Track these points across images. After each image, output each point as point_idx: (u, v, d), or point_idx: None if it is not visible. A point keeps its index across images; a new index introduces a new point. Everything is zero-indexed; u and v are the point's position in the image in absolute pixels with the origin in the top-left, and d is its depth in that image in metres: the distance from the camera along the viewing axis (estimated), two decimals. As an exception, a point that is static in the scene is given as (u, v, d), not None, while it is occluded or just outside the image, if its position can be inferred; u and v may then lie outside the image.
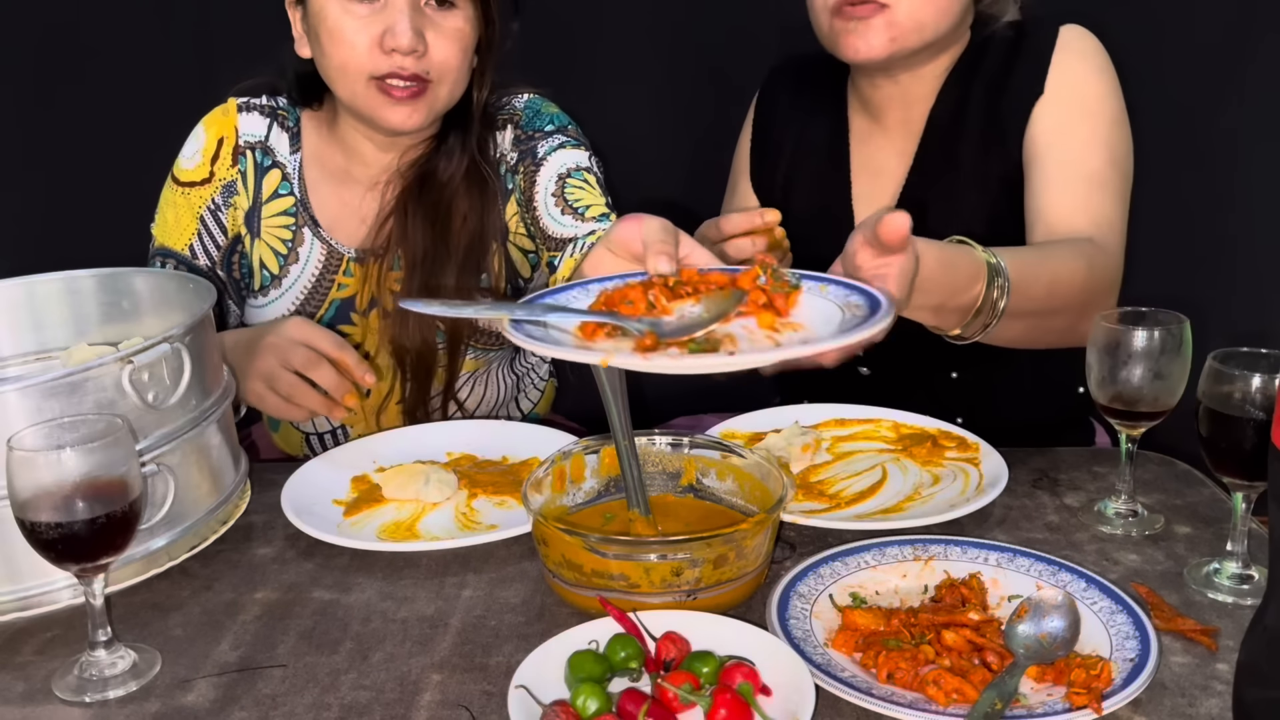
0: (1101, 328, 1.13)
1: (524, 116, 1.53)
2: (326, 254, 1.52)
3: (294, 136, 1.54)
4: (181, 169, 1.53)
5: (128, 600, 1.07)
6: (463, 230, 1.48)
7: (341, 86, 1.42)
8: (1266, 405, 1.00)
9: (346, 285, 1.53)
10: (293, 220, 1.52)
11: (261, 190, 1.52)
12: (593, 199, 1.47)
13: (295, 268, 1.52)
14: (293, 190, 1.53)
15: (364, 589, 1.08)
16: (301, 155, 1.53)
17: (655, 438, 1.17)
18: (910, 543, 1.08)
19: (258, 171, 1.52)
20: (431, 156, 1.50)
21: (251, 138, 1.52)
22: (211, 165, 1.51)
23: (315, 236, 1.52)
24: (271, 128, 1.53)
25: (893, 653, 0.92)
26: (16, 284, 1.29)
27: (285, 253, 1.52)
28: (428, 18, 1.39)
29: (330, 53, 1.40)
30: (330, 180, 1.54)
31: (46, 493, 0.90)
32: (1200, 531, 1.15)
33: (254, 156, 1.52)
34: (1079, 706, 0.85)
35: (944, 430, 1.33)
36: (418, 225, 1.47)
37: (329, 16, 1.38)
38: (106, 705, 0.93)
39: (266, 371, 1.30)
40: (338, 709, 0.91)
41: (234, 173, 1.51)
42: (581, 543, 0.99)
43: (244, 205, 1.52)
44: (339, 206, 1.54)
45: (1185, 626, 0.97)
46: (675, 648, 0.91)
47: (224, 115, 1.53)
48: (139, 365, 1.04)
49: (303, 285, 1.52)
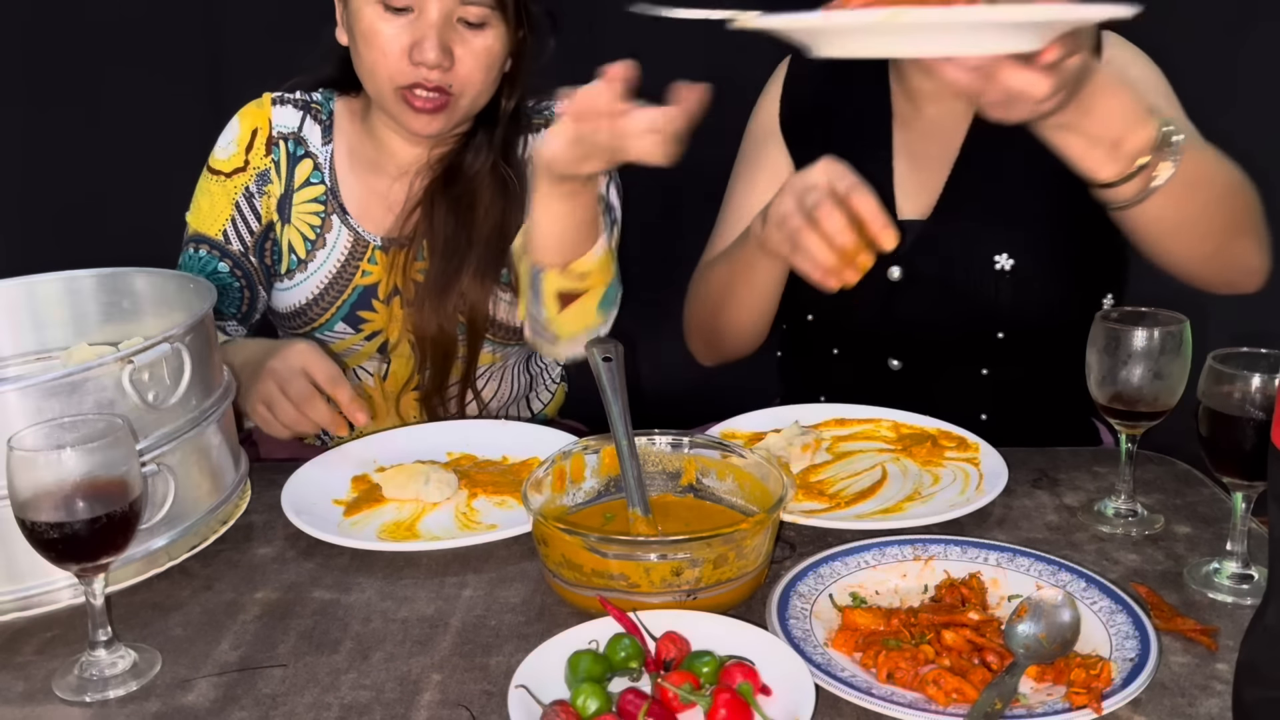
0: (1101, 327, 1.13)
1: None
2: (353, 241, 1.55)
3: (326, 129, 1.57)
4: (216, 158, 1.55)
5: (128, 600, 1.07)
6: (485, 222, 1.51)
7: (369, 86, 1.48)
8: (1266, 405, 1.00)
9: (370, 272, 1.56)
10: (322, 208, 1.56)
11: (294, 179, 1.56)
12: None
13: (322, 253, 1.55)
14: (324, 179, 1.56)
15: (364, 589, 1.08)
16: (333, 146, 1.57)
17: (655, 438, 1.17)
18: (910, 543, 1.08)
19: (290, 161, 1.56)
20: (460, 150, 1.54)
21: (285, 129, 1.56)
22: (246, 154, 1.54)
23: (343, 224, 1.56)
24: (304, 120, 1.57)
25: (893, 652, 0.92)
26: (16, 284, 1.29)
27: (313, 238, 1.55)
28: (458, 33, 1.43)
29: (362, 53, 1.45)
30: (360, 169, 1.57)
31: (46, 493, 0.90)
32: (1200, 531, 1.15)
33: (286, 147, 1.56)
34: (1079, 706, 0.85)
35: (944, 430, 1.33)
36: (441, 215, 1.51)
37: (364, 19, 1.43)
38: (106, 705, 0.93)
39: (267, 396, 1.31)
40: (338, 709, 0.91)
41: (267, 161, 1.55)
42: (581, 543, 0.99)
43: (276, 193, 1.55)
44: (367, 194, 1.57)
45: (1185, 626, 0.97)
46: (675, 648, 0.91)
47: (258, 108, 1.57)
48: (139, 365, 1.04)
49: (328, 270, 1.55)
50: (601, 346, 1.16)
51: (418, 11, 1.41)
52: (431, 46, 1.40)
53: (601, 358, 1.15)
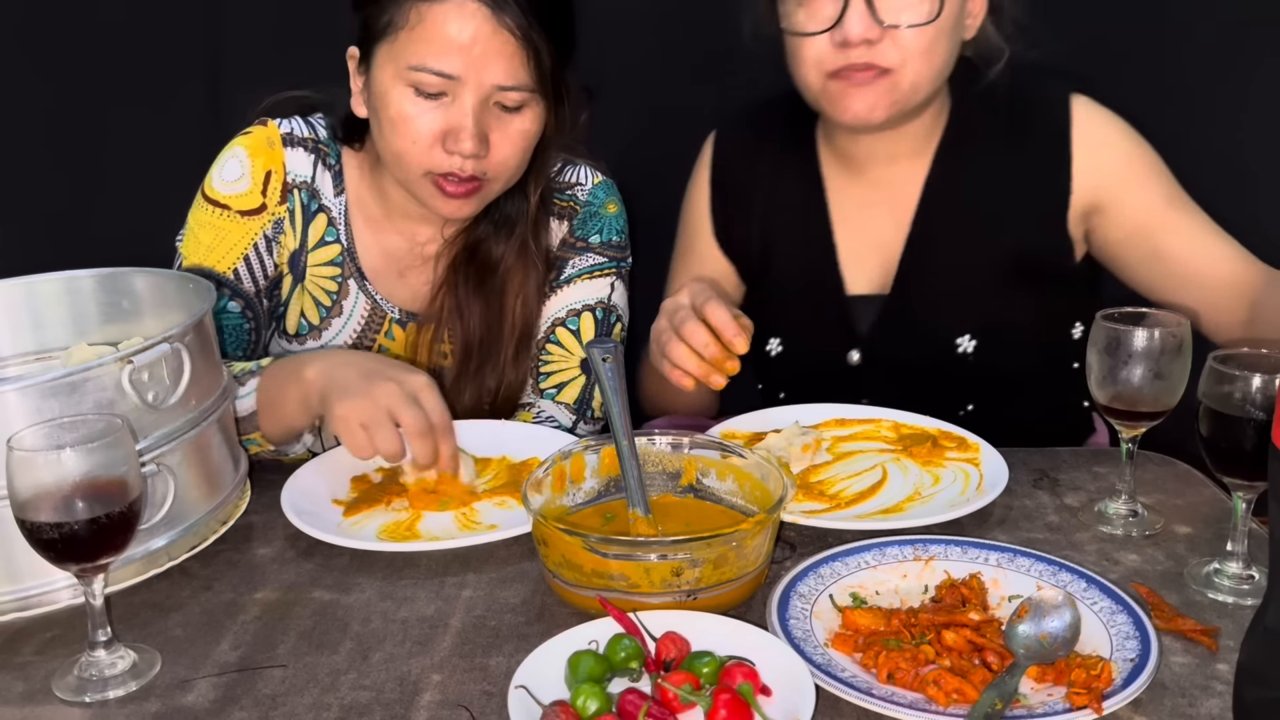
0: (1101, 328, 1.13)
1: (580, 215, 1.51)
2: (370, 309, 1.49)
3: (337, 176, 1.48)
4: (223, 192, 1.44)
5: (128, 600, 1.07)
6: (518, 311, 1.46)
7: (395, 169, 1.39)
8: (1266, 405, 1.00)
9: (387, 348, 1.51)
10: (339, 270, 1.48)
11: (308, 236, 1.47)
12: (566, 359, 1.49)
13: (338, 320, 1.49)
14: (339, 238, 1.48)
15: (364, 589, 1.08)
16: (346, 198, 1.48)
17: (655, 438, 1.17)
18: (910, 543, 1.08)
19: (305, 215, 1.47)
20: (481, 230, 1.48)
21: (298, 176, 1.46)
22: (263, 196, 1.44)
23: (361, 289, 1.49)
24: (316, 167, 1.47)
25: (893, 653, 0.92)
26: (16, 284, 1.29)
27: (329, 304, 1.48)
28: (494, 116, 1.34)
29: (389, 138, 1.35)
30: (372, 227, 1.50)
31: (46, 493, 0.90)
32: (1200, 531, 1.15)
33: (300, 197, 1.46)
34: (1079, 706, 0.85)
35: (944, 430, 1.33)
36: (474, 307, 1.46)
37: (392, 104, 1.33)
38: (106, 705, 0.93)
39: (371, 415, 1.18)
40: (338, 709, 0.91)
41: (283, 210, 1.45)
42: (581, 543, 0.99)
43: (290, 246, 1.47)
44: (382, 256, 1.50)
45: (1185, 626, 0.97)
46: (675, 648, 0.91)
47: (269, 147, 1.45)
48: (139, 365, 1.04)
49: (345, 339, 1.50)
50: (601, 347, 1.16)
51: (452, 96, 1.31)
52: (469, 136, 1.31)
53: (601, 358, 1.15)
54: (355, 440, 1.19)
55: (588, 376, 1.49)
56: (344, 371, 1.23)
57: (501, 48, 1.30)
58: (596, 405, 1.51)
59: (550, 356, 1.50)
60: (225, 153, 1.46)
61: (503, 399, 1.49)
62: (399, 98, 1.33)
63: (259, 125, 1.47)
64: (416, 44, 1.30)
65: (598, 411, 1.51)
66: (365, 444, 1.18)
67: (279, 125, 1.47)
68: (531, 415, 1.49)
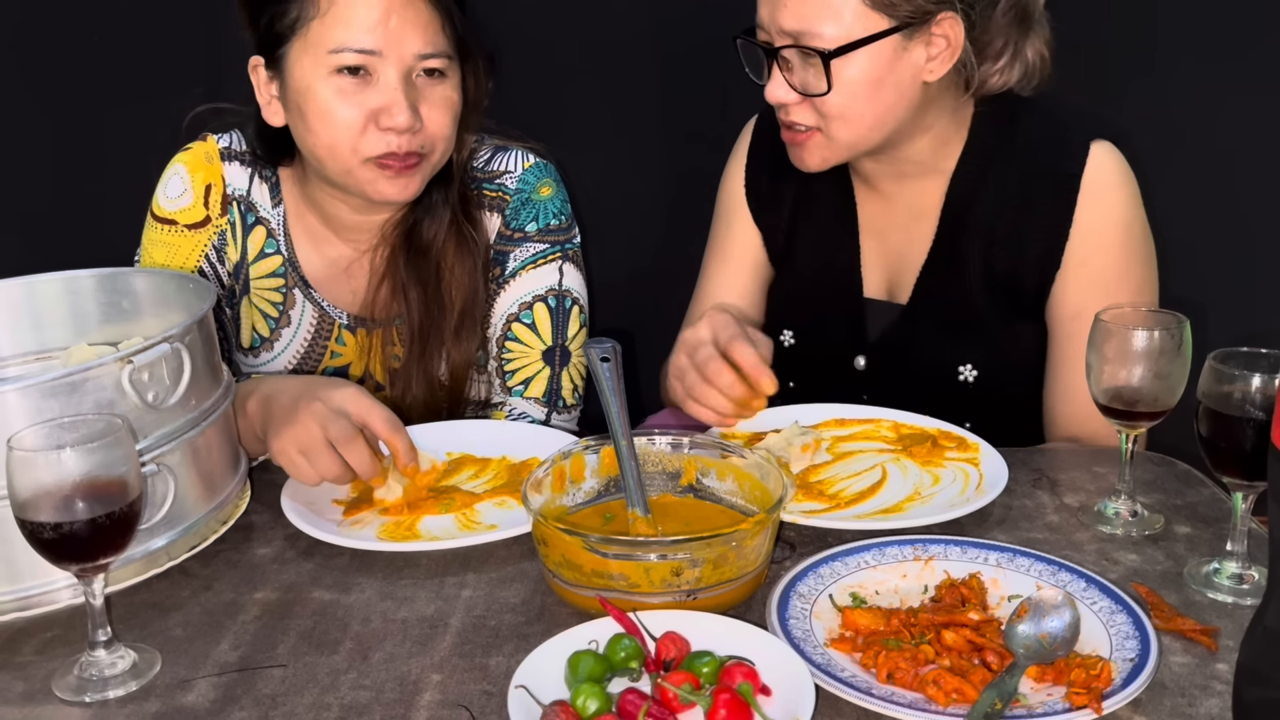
0: (1101, 327, 1.13)
1: (512, 204, 1.49)
2: (319, 317, 1.50)
3: (274, 188, 1.50)
4: (166, 209, 1.47)
5: (128, 600, 1.07)
6: (455, 288, 1.46)
7: (331, 165, 1.37)
8: (1266, 405, 1.00)
9: (340, 354, 1.51)
10: (282, 281, 1.50)
11: (248, 249, 1.49)
12: (527, 353, 1.49)
13: (287, 331, 1.50)
14: (279, 249, 1.49)
15: (364, 589, 1.08)
16: (284, 209, 1.50)
17: (655, 438, 1.17)
18: (910, 543, 1.08)
19: (244, 228, 1.49)
20: (414, 217, 1.47)
21: (236, 190, 1.48)
22: (205, 209, 1.47)
23: (306, 298, 1.50)
24: (253, 180, 1.49)
25: (893, 652, 0.92)
26: (16, 284, 1.29)
27: (276, 316, 1.49)
28: (419, 90, 1.35)
29: (319, 131, 1.35)
30: (311, 236, 1.51)
31: (46, 493, 0.90)
32: (1200, 531, 1.15)
33: (239, 209, 1.48)
34: (1079, 706, 0.85)
35: (944, 430, 1.33)
36: (413, 290, 1.46)
37: (317, 96, 1.33)
38: (106, 705, 0.93)
39: (305, 441, 1.17)
40: (338, 709, 0.91)
41: (224, 222, 1.48)
42: (581, 543, 0.99)
43: (233, 258, 1.49)
44: (326, 265, 1.51)
45: (1185, 626, 0.97)
46: (675, 648, 0.91)
47: (208, 162, 1.48)
48: (139, 365, 1.04)
49: (295, 350, 1.51)
50: (600, 347, 1.16)
51: (376, 75, 1.33)
52: (401, 110, 1.32)
53: (600, 358, 1.15)
54: (297, 470, 1.19)
55: (552, 368, 1.50)
56: (277, 401, 1.22)
57: (415, 17, 1.33)
58: (567, 394, 1.51)
59: (511, 354, 1.50)
60: (168, 170, 1.50)
61: (453, 379, 1.49)
62: (322, 87, 1.33)
63: (199, 141, 1.50)
64: (332, 29, 1.32)
65: (570, 400, 1.52)
66: (308, 472, 1.18)
67: (218, 140, 1.50)
68: (504, 414, 1.50)
